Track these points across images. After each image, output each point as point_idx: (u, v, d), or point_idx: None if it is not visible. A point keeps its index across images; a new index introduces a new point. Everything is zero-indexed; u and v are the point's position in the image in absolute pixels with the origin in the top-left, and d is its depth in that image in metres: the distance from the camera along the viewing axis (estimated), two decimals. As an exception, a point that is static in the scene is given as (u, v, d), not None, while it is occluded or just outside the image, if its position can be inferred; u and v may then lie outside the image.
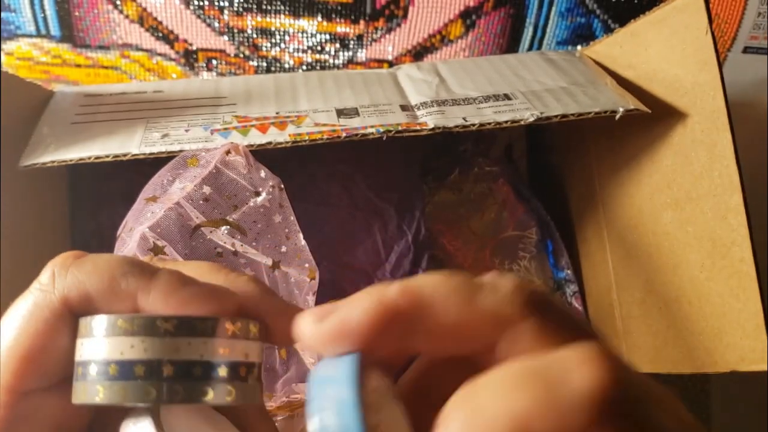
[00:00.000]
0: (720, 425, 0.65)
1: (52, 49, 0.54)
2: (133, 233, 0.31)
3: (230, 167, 0.33)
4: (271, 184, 0.34)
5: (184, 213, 0.32)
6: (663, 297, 0.45)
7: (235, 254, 0.32)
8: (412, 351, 0.17)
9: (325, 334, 0.16)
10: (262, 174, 0.34)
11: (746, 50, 0.59)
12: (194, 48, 0.55)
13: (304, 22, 0.55)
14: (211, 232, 0.32)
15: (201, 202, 0.32)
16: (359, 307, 0.15)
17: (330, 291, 0.41)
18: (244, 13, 0.54)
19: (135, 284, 0.18)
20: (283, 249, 0.34)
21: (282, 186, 0.35)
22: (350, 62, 0.57)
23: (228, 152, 0.33)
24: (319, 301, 0.32)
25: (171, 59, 0.55)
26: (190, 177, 0.33)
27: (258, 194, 0.34)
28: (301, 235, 0.34)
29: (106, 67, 0.55)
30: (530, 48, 0.58)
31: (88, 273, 0.18)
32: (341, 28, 0.56)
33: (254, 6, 0.54)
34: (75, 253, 0.19)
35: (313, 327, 0.16)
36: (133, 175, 0.37)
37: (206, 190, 0.32)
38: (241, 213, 0.33)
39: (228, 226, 0.33)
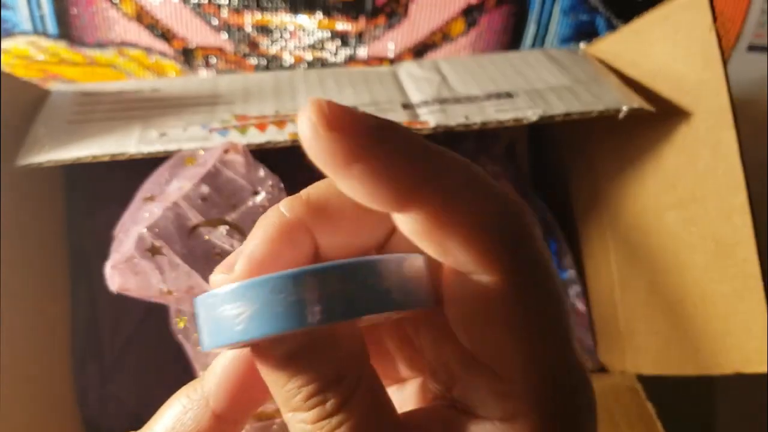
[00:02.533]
0: (724, 427, 0.64)
1: (49, 47, 0.53)
2: (130, 233, 0.31)
3: (229, 166, 0.33)
4: (270, 183, 0.34)
5: (182, 213, 0.31)
6: (667, 298, 0.45)
7: None
8: (317, 249, 0.17)
9: (240, 278, 0.15)
10: (261, 173, 0.34)
11: (751, 48, 0.59)
12: (192, 46, 0.54)
13: (303, 20, 0.55)
14: (209, 232, 0.32)
15: (199, 201, 0.32)
16: (258, 238, 0.15)
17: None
18: (243, 10, 0.54)
19: None
20: None
21: (281, 185, 0.34)
22: (351, 60, 0.57)
23: (226, 151, 0.33)
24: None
25: (169, 57, 0.55)
26: (188, 176, 0.33)
27: (257, 194, 0.33)
28: None
29: (104, 65, 0.55)
30: (533, 45, 0.58)
31: None
32: (341, 26, 0.55)
33: (253, 3, 0.53)
34: None
35: (227, 279, 0.16)
36: (131, 174, 0.36)
37: (204, 189, 0.32)
38: (240, 212, 0.33)
39: (227, 226, 0.32)
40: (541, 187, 0.59)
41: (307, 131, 0.13)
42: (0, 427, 0.37)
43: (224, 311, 0.14)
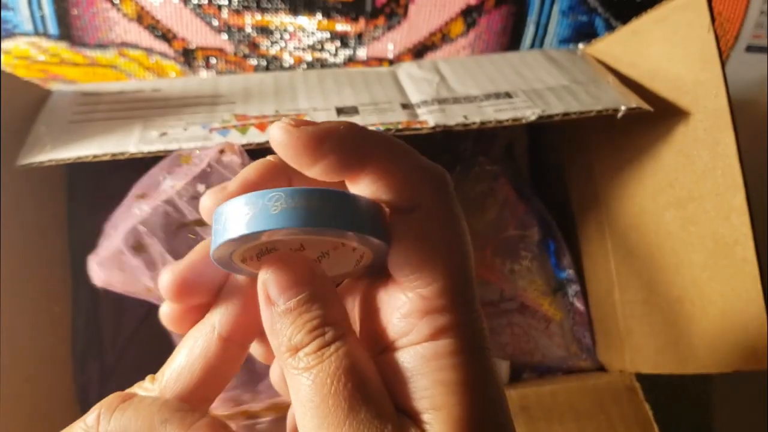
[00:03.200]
0: (722, 425, 0.65)
1: (49, 47, 0.53)
2: (119, 229, 0.31)
3: (225, 166, 0.33)
4: None
5: (171, 211, 0.31)
6: (665, 297, 0.45)
7: None
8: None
9: (232, 195, 0.20)
10: None
11: (749, 49, 0.59)
12: (193, 46, 0.55)
13: (303, 21, 0.55)
14: (196, 231, 0.32)
15: (192, 200, 0.32)
16: (250, 169, 0.20)
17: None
18: (243, 11, 0.54)
19: None
20: None
21: None
22: (350, 61, 0.57)
23: (222, 151, 0.33)
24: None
25: (169, 58, 0.55)
26: (181, 174, 0.33)
27: None
28: None
29: (104, 66, 0.55)
30: (532, 46, 0.58)
31: (129, 418, 0.20)
32: (341, 27, 0.55)
33: (253, 4, 0.54)
34: (121, 394, 0.21)
35: (218, 194, 0.20)
36: (132, 174, 0.36)
37: (200, 188, 0.32)
38: None
39: None
40: (540, 186, 0.59)
41: (281, 136, 0.18)
42: (1, 424, 0.38)
43: (242, 210, 0.17)
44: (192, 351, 0.21)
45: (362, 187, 0.19)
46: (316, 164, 0.18)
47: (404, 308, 0.19)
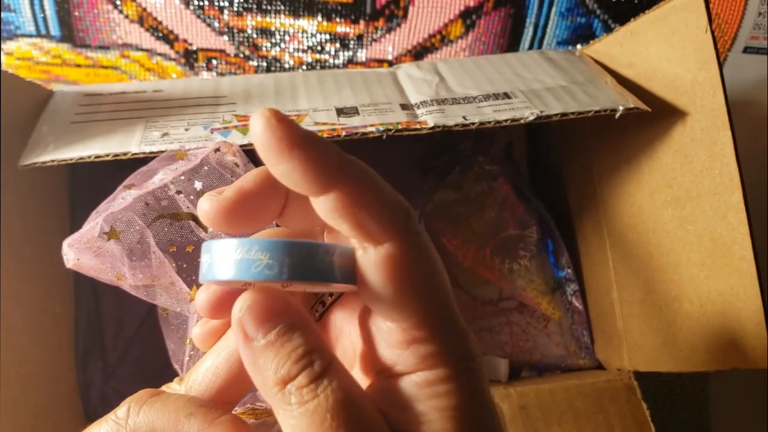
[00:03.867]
0: (720, 424, 0.65)
1: (51, 49, 0.54)
2: (99, 216, 0.31)
3: (223, 166, 0.33)
4: None
5: (153, 201, 0.31)
6: (663, 296, 0.45)
7: (191, 249, 0.32)
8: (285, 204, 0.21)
9: (227, 202, 0.20)
10: None
11: (746, 50, 0.59)
12: (194, 48, 0.55)
13: (304, 22, 0.55)
14: (171, 224, 0.31)
15: (191, 197, 0.32)
16: (250, 177, 0.20)
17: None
18: (244, 13, 0.54)
19: (197, 426, 0.20)
20: None
21: None
22: (350, 62, 0.57)
23: (217, 149, 0.33)
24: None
25: (171, 59, 0.55)
26: (171, 169, 0.33)
27: None
28: None
29: (106, 67, 0.55)
30: (530, 48, 0.58)
31: (157, 411, 0.21)
32: (341, 28, 0.56)
33: (254, 6, 0.54)
34: (151, 391, 0.22)
35: (216, 200, 0.20)
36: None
37: (198, 185, 0.32)
38: None
39: (194, 222, 0.32)
40: (539, 186, 0.59)
41: (260, 125, 0.17)
42: (4, 423, 0.38)
43: (226, 254, 0.18)
44: (219, 356, 0.22)
45: (323, 207, 0.18)
46: (284, 163, 0.18)
47: (389, 339, 0.19)
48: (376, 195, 0.18)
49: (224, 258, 0.18)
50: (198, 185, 0.32)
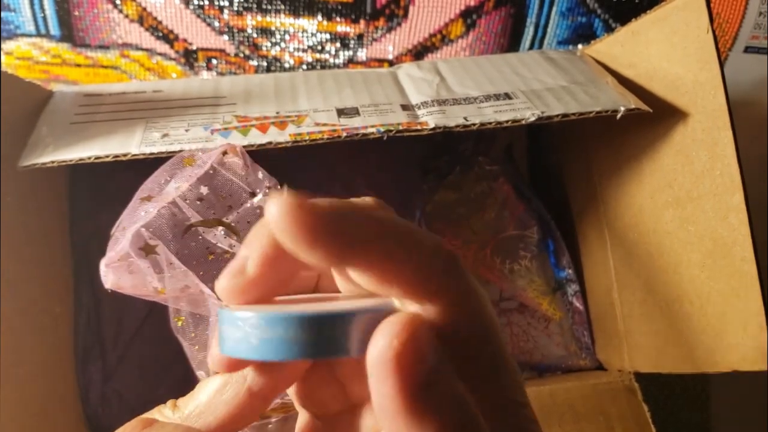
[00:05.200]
0: (721, 425, 0.65)
1: (51, 48, 0.54)
2: (126, 232, 0.31)
3: (227, 168, 0.33)
4: (267, 185, 0.34)
5: (178, 212, 0.32)
6: (664, 296, 0.45)
7: (228, 255, 0.32)
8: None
9: (252, 277, 0.19)
10: (260, 175, 0.34)
11: (747, 50, 0.59)
12: (194, 47, 0.55)
13: (304, 22, 0.55)
14: (204, 232, 0.32)
15: (197, 202, 0.32)
16: (270, 237, 0.18)
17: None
18: (244, 13, 0.54)
19: None
20: None
21: (279, 187, 0.34)
22: (350, 62, 0.57)
23: (225, 153, 0.33)
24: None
25: (171, 59, 0.55)
26: (185, 177, 0.33)
27: (254, 195, 0.34)
28: None
29: (106, 67, 0.55)
30: (531, 47, 0.58)
31: None
32: (341, 28, 0.56)
33: (254, 5, 0.54)
34: (143, 420, 0.21)
35: (239, 283, 0.19)
36: (133, 175, 0.36)
37: (202, 190, 0.32)
38: (237, 214, 0.33)
39: (223, 228, 0.32)
40: (539, 186, 0.59)
41: (279, 212, 0.15)
42: (4, 423, 0.38)
43: (241, 331, 0.17)
44: (219, 394, 0.21)
45: (363, 279, 0.17)
46: (310, 254, 0.16)
47: None
48: (406, 258, 0.16)
49: (237, 335, 0.17)
50: (204, 191, 0.32)
